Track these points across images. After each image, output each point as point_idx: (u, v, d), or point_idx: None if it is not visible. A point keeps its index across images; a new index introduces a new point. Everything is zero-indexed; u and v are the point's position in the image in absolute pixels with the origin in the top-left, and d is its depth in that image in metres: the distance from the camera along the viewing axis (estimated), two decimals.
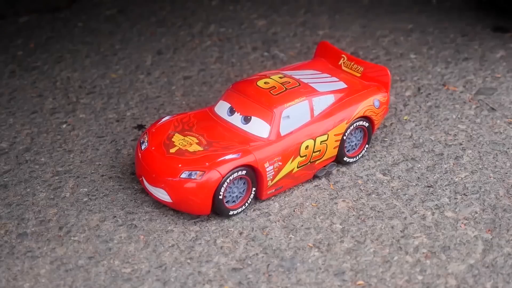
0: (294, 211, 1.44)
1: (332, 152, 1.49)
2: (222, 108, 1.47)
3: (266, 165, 1.39)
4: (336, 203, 1.46)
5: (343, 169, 1.54)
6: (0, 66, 1.91)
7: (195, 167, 1.37)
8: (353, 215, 1.43)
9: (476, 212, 1.43)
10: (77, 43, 2.00)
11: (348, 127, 1.49)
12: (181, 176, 1.36)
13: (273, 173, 1.40)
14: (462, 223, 1.41)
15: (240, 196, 1.41)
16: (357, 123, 1.50)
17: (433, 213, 1.43)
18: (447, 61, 1.86)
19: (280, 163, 1.41)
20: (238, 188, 1.40)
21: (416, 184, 1.50)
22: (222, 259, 1.35)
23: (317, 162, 1.47)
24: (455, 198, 1.46)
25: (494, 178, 1.51)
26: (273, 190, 1.43)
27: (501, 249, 1.36)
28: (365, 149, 1.54)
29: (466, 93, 1.74)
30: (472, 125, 1.65)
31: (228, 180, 1.36)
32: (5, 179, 1.53)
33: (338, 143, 1.48)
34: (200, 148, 1.40)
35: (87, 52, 1.96)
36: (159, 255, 1.36)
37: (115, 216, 1.43)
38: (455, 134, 1.62)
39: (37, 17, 2.13)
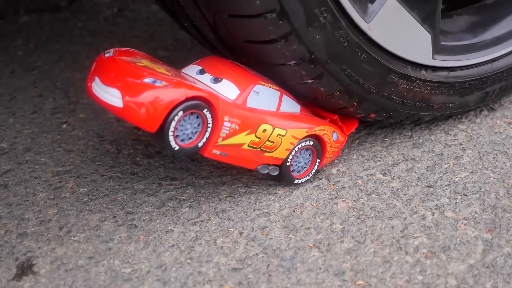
0: (294, 211, 1.44)
1: (282, 153, 1.44)
2: (191, 70, 1.42)
3: (226, 118, 1.32)
4: (336, 203, 1.46)
5: (343, 169, 1.54)
6: (0, 66, 1.92)
7: (161, 77, 1.27)
8: (353, 215, 1.43)
9: (476, 212, 1.43)
10: (77, 43, 2.01)
11: (305, 138, 1.44)
12: (144, 80, 1.27)
13: (228, 132, 1.35)
14: (462, 223, 1.41)
15: (191, 138, 1.30)
16: (311, 142, 1.46)
17: (433, 213, 1.43)
18: None
19: (237, 127, 1.35)
20: (192, 124, 1.30)
21: (416, 184, 1.50)
22: (222, 259, 1.35)
23: (266, 154, 1.42)
24: (455, 198, 1.46)
25: (494, 178, 1.51)
26: (218, 153, 1.36)
27: (501, 249, 1.36)
28: (310, 174, 1.50)
29: None
30: (472, 125, 1.65)
31: (187, 106, 1.26)
32: (5, 179, 1.53)
33: (291, 146, 1.43)
34: (168, 74, 1.31)
35: (87, 52, 1.96)
36: (159, 255, 1.36)
37: (115, 216, 1.43)
38: (455, 134, 1.62)
39: (37, 17, 2.14)
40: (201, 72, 1.40)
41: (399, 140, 1.61)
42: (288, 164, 1.45)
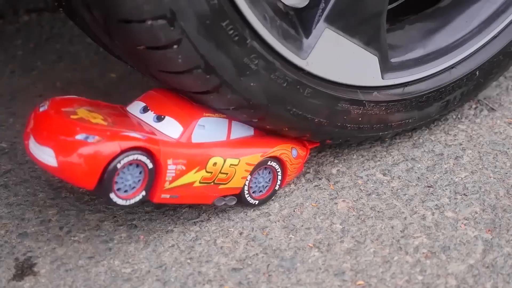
0: (294, 211, 1.44)
1: (239, 182, 1.39)
2: (135, 107, 1.38)
3: (169, 161, 1.27)
4: (336, 203, 1.46)
5: (343, 169, 1.54)
6: (0, 66, 1.92)
7: (94, 132, 1.23)
8: (353, 215, 1.43)
9: (476, 212, 1.43)
10: (77, 43, 2.01)
11: (261, 162, 1.40)
12: (76, 137, 1.23)
13: (174, 175, 1.30)
14: (462, 223, 1.41)
15: (134, 187, 1.26)
16: (270, 162, 1.41)
17: (433, 213, 1.43)
18: None
19: (183, 167, 1.29)
20: (133, 175, 1.26)
21: (416, 184, 1.50)
22: (222, 259, 1.35)
23: (221, 186, 1.37)
24: (455, 198, 1.46)
25: (494, 178, 1.51)
26: (168, 196, 1.30)
27: (501, 249, 1.36)
28: (273, 192, 1.45)
29: None
30: (472, 125, 1.65)
31: (125, 159, 1.22)
32: (5, 179, 1.53)
33: (247, 173, 1.39)
34: (104, 123, 1.28)
35: (87, 52, 1.96)
36: (159, 255, 1.36)
37: (115, 216, 1.43)
38: (455, 134, 1.62)
39: (37, 17, 2.14)
40: (145, 109, 1.37)
41: (399, 140, 1.61)
42: (246, 190, 1.41)
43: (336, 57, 1.38)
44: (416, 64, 1.52)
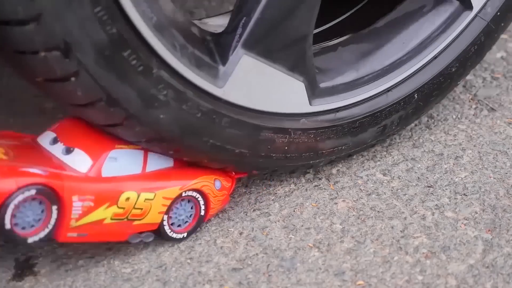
0: (294, 211, 1.44)
1: (155, 217, 1.30)
2: (45, 138, 1.30)
3: (75, 198, 1.21)
4: (336, 203, 1.46)
5: (343, 169, 1.54)
6: (0, 67, 1.91)
7: None
8: (353, 215, 1.43)
9: (476, 212, 1.43)
10: None
11: (179, 196, 1.32)
12: None
13: (80, 212, 1.22)
14: (462, 223, 1.41)
15: (33, 225, 1.19)
16: (191, 194, 1.34)
17: (433, 213, 1.43)
18: None
19: (91, 204, 1.22)
20: (34, 212, 1.19)
21: (416, 184, 1.50)
22: (222, 259, 1.35)
23: (136, 222, 1.29)
24: (455, 198, 1.46)
25: (494, 178, 1.51)
26: (75, 235, 1.24)
27: (501, 249, 1.36)
28: (196, 227, 1.38)
29: (466, 93, 1.74)
30: (472, 125, 1.65)
31: (20, 197, 1.16)
32: None
33: (165, 208, 1.31)
34: (4, 157, 1.21)
35: None
36: (159, 255, 1.36)
37: None
38: (455, 134, 1.62)
39: None
40: (54, 141, 1.29)
41: (399, 140, 1.61)
42: (165, 225, 1.33)
43: (256, 84, 1.30)
44: (349, 88, 1.44)
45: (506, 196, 1.47)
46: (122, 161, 1.27)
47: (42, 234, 1.20)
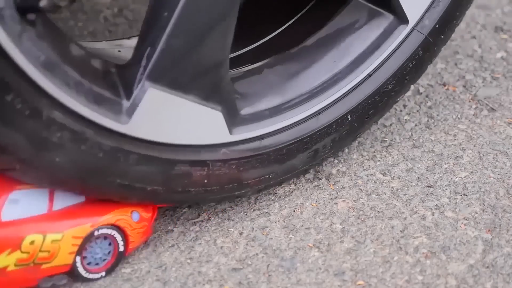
0: (294, 211, 1.44)
1: (66, 258, 1.22)
2: None
3: None
4: (336, 203, 1.46)
5: (343, 169, 1.54)
6: None
7: None
8: (353, 215, 1.43)
9: (476, 212, 1.43)
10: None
11: (92, 233, 1.24)
12: None
13: None
14: (462, 223, 1.41)
15: None
16: (105, 231, 1.26)
17: (433, 213, 1.43)
18: (447, 61, 1.86)
19: None
20: None
21: (416, 184, 1.50)
22: (222, 259, 1.35)
23: (44, 266, 1.21)
24: (455, 198, 1.46)
25: (494, 178, 1.51)
26: None
27: (501, 249, 1.36)
28: (113, 266, 1.30)
29: (466, 93, 1.74)
30: (472, 125, 1.65)
31: None
32: None
33: (75, 248, 1.22)
34: None
35: None
36: (159, 255, 1.36)
37: None
38: (455, 134, 1.62)
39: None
40: None
41: (399, 140, 1.61)
42: (78, 266, 1.25)
43: (166, 117, 1.21)
44: (275, 113, 1.35)
45: (506, 196, 1.47)
46: (24, 202, 1.20)
47: None
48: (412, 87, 1.78)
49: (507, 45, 1.91)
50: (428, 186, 1.49)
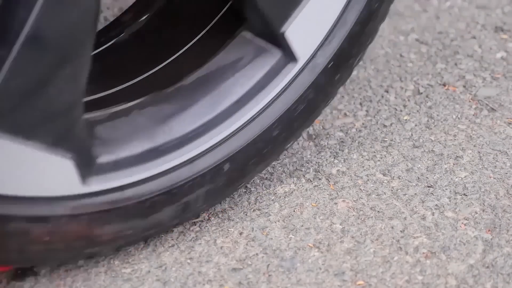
0: (294, 211, 1.44)
1: None
2: None
3: None
4: (336, 203, 1.46)
5: (343, 169, 1.54)
6: None
7: None
8: (353, 215, 1.43)
9: (476, 212, 1.43)
10: None
11: None
12: None
13: None
14: (462, 223, 1.41)
15: None
16: None
17: (433, 213, 1.43)
18: (447, 61, 1.86)
19: None
20: None
21: (416, 184, 1.50)
22: (222, 259, 1.35)
23: None
24: (455, 198, 1.46)
25: (494, 178, 1.51)
26: None
27: (501, 249, 1.36)
28: None
29: (466, 93, 1.74)
30: (472, 125, 1.65)
31: None
32: None
33: None
34: None
35: None
36: (159, 255, 1.36)
37: None
38: (455, 134, 1.62)
39: None
40: None
41: (399, 140, 1.61)
42: None
43: (1, 166, 1.07)
44: (140, 161, 1.21)
45: (506, 196, 1.47)
46: None
47: None
48: (412, 87, 1.77)
49: (507, 45, 1.91)
50: (428, 186, 1.49)
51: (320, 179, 1.52)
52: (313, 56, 1.32)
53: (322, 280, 1.31)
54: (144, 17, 1.37)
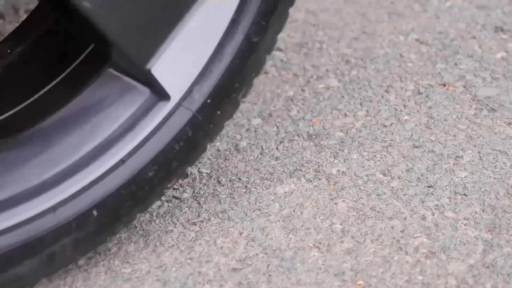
0: (294, 211, 1.44)
1: None
2: None
3: None
4: (336, 203, 1.46)
5: (343, 169, 1.54)
6: None
7: None
8: (353, 215, 1.43)
9: (476, 212, 1.43)
10: None
11: None
12: None
13: None
14: (462, 223, 1.41)
15: None
16: None
17: (433, 213, 1.43)
18: (447, 61, 1.86)
19: None
20: None
21: (416, 184, 1.50)
22: (222, 259, 1.35)
23: None
24: (455, 198, 1.46)
25: (494, 178, 1.51)
26: None
27: (501, 249, 1.36)
28: None
29: (466, 93, 1.74)
30: (472, 125, 1.65)
31: None
32: None
33: None
34: None
35: None
36: (159, 255, 1.36)
37: None
38: (455, 134, 1.62)
39: None
40: None
41: (399, 140, 1.61)
42: None
43: None
44: None
45: (506, 196, 1.47)
46: None
47: None
48: (412, 87, 1.77)
49: (507, 45, 1.91)
50: (428, 186, 1.49)
51: (320, 179, 1.52)
52: (188, 93, 1.25)
53: (322, 280, 1.31)
54: (18, 49, 1.26)
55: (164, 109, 1.23)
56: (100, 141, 1.20)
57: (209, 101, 1.27)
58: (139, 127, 1.22)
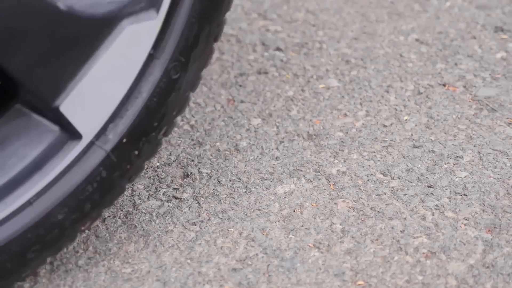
0: (294, 211, 1.44)
1: None
2: None
3: None
4: (336, 203, 1.46)
5: (343, 169, 1.54)
6: None
7: None
8: (353, 215, 1.43)
9: (476, 212, 1.43)
10: None
11: None
12: None
13: None
14: (462, 223, 1.41)
15: None
16: None
17: (433, 213, 1.43)
18: (447, 61, 1.86)
19: None
20: None
21: (416, 184, 1.50)
22: (222, 259, 1.35)
23: None
24: (455, 198, 1.46)
25: (494, 178, 1.51)
26: None
27: (501, 249, 1.36)
28: None
29: (466, 93, 1.74)
30: (472, 125, 1.65)
31: None
32: None
33: None
34: None
35: None
36: (159, 255, 1.36)
37: (115, 217, 1.43)
38: (455, 134, 1.62)
39: None
40: None
41: (399, 140, 1.61)
42: None
43: None
44: None
45: (506, 196, 1.47)
46: None
47: None
48: (412, 87, 1.77)
49: (507, 45, 1.91)
50: (428, 186, 1.49)
51: (320, 179, 1.52)
52: (102, 131, 1.19)
53: (322, 280, 1.31)
54: None
55: (75, 148, 1.17)
56: (5, 181, 1.14)
57: (124, 140, 1.21)
58: (47, 166, 1.16)
